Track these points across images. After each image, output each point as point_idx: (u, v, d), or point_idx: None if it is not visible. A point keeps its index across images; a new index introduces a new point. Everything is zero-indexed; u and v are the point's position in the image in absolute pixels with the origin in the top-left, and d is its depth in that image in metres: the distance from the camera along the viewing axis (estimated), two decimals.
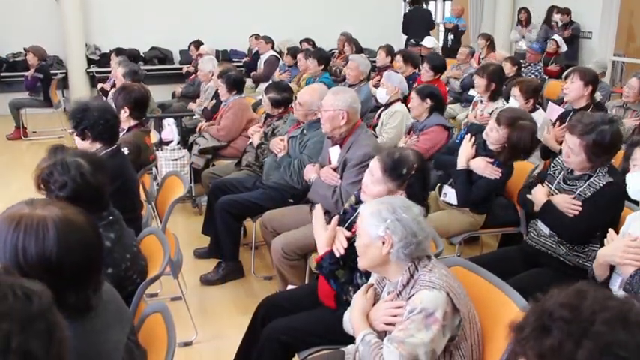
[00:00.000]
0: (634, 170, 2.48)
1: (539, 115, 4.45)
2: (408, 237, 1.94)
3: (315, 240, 2.51)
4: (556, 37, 9.13)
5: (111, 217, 2.35)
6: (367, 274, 2.32)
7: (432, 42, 9.05)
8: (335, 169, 3.40)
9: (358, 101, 3.44)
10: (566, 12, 9.84)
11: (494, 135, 3.42)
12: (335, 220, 2.54)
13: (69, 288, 1.44)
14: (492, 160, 3.42)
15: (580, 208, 2.75)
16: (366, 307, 2.06)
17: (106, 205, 2.35)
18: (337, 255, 2.39)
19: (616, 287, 2.32)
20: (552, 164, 3.08)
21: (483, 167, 3.42)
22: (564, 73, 5.50)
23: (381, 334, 1.98)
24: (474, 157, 3.49)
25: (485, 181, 3.43)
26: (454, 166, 3.53)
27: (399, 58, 6.86)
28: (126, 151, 3.54)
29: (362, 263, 2.07)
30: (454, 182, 3.56)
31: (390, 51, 7.40)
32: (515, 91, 4.50)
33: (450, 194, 3.60)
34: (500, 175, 3.40)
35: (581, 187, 2.79)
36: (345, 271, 2.40)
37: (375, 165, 2.45)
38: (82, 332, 1.48)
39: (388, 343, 1.87)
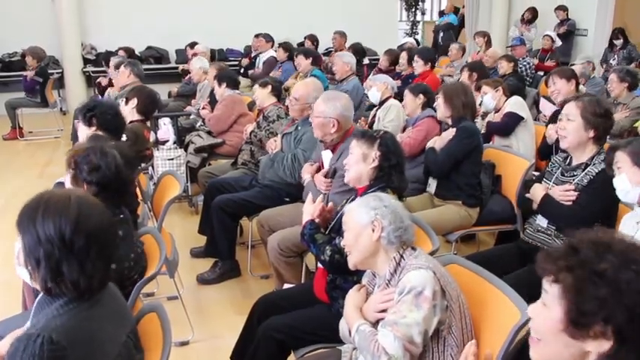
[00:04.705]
0: (619, 173, 2.50)
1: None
2: (397, 221, 2.04)
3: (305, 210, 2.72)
4: (550, 32, 9.17)
5: (122, 216, 2.39)
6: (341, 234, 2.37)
7: (409, 39, 10.01)
8: (326, 175, 3.35)
9: (351, 109, 3.41)
10: (563, 9, 9.89)
11: (438, 103, 3.86)
12: (320, 197, 2.76)
13: (74, 264, 1.49)
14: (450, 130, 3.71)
15: (574, 196, 2.80)
16: (358, 303, 2.10)
17: (120, 203, 2.40)
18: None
19: None
20: (550, 162, 3.11)
21: (443, 137, 3.70)
22: (544, 79, 5.62)
23: (376, 326, 1.99)
24: None
25: (446, 146, 3.63)
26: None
27: (403, 55, 6.97)
28: (123, 137, 3.59)
29: (352, 259, 2.10)
30: (426, 161, 3.77)
31: (395, 59, 7.34)
32: (484, 89, 4.80)
33: (432, 184, 3.76)
34: (456, 131, 3.60)
35: (578, 176, 2.82)
36: (325, 235, 2.58)
37: (352, 141, 2.70)
38: (80, 317, 1.51)
39: (382, 328, 1.89)
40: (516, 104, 4.56)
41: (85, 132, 3.33)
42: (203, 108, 5.60)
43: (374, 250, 2.04)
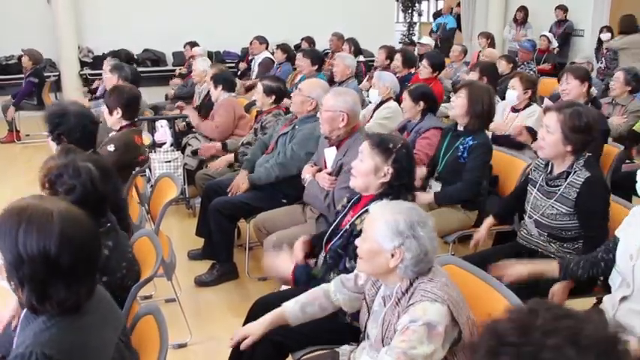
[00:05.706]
0: None
1: (534, 109, 4.54)
2: (421, 255, 1.90)
3: (281, 270, 2.62)
4: (546, 33, 9.17)
5: (109, 224, 2.34)
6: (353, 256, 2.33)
7: (429, 39, 9.46)
8: (330, 174, 3.34)
9: (359, 104, 3.41)
10: (563, 9, 9.89)
11: (457, 102, 3.54)
12: (300, 240, 2.80)
13: (60, 283, 1.44)
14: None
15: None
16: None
17: (105, 212, 2.34)
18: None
19: (616, 285, 2.32)
20: (533, 167, 3.06)
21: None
22: (558, 76, 5.55)
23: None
24: None
25: (469, 162, 3.47)
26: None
27: (398, 57, 6.82)
28: (111, 147, 3.53)
29: (363, 268, 2.03)
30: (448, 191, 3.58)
31: (390, 54, 7.22)
32: (514, 82, 4.56)
33: (434, 186, 3.65)
34: (476, 148, 3.45)
35: (562, 186, 2.76)
36: (321, 268, 2.49)
37: (364, 144, 2.55)
38: (70, 327, 1.48)
39: (387, 356, 1.82)
40: (538, 121, 4.33)
41: (54, 148, 3.14)
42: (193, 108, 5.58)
43: (387, 271, 1.96)
